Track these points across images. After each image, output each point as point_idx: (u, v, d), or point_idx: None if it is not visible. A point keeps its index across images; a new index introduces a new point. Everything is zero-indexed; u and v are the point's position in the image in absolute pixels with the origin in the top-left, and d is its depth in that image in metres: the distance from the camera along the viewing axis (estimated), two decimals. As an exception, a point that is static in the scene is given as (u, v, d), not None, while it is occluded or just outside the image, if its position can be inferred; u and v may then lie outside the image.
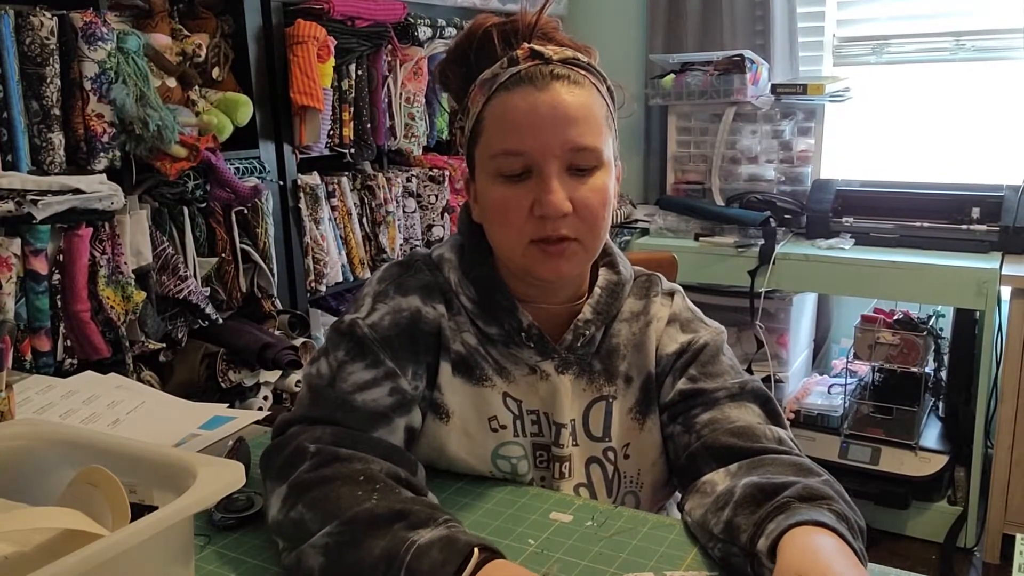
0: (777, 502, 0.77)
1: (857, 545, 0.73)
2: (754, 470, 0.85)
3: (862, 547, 0.75)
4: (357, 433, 0.89)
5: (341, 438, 0.87)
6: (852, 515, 0.77)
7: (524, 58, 0.92)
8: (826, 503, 0.76)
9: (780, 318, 2.74)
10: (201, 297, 1.86)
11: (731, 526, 0.79)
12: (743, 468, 0.86)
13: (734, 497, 0.81)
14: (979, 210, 2.48)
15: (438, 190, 2.55)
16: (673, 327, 1.02)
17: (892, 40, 2.82)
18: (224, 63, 2.00)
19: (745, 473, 0.85)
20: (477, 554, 0.73)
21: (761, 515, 0.77)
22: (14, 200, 1.53)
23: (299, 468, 0.84)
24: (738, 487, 0.82)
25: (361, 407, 0.90)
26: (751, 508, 0.79)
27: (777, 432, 0.91)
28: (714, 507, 0.83)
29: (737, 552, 0.78)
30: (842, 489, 0.82)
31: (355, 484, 0.81)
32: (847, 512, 0.77)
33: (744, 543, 0.77)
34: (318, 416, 0.90)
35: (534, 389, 0.98)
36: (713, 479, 0.88)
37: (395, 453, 0.89)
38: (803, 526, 0.72)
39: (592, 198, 0.91)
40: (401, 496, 0.81)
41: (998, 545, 2.37)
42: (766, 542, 0.74)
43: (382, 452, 0.87)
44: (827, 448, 2.56)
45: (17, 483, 0.78)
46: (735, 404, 0.95)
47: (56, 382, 1.31)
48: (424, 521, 0.76)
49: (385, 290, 0.97)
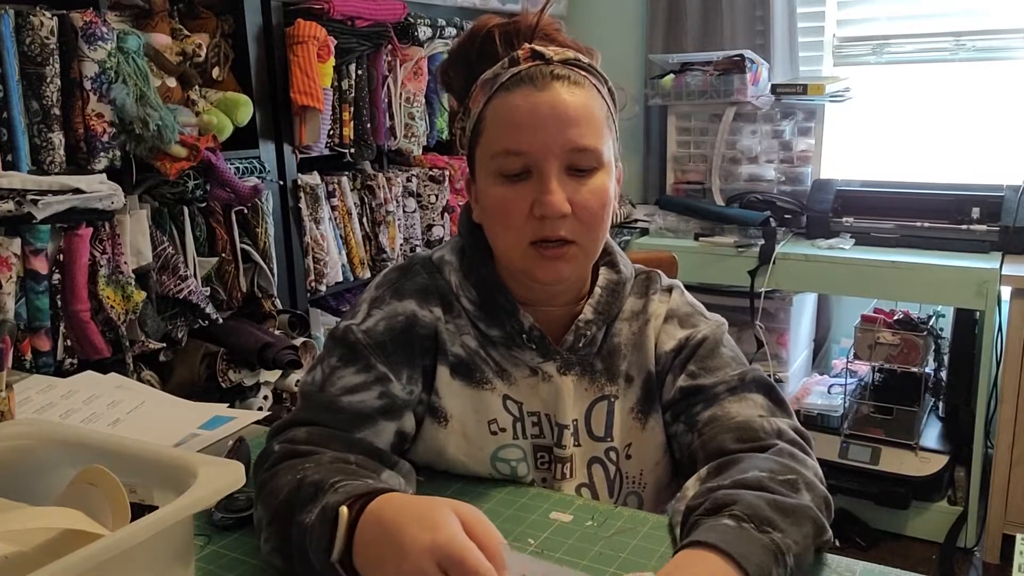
0: (691, 523, 0.78)
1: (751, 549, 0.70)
2: (712, 477, 0.85)
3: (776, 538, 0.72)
4: (336, 432, 0.89)
5: (315, 437, 0.88)
6: (765, 505, 0.74)
7: (525, 58, 0.92)
8: (728, 509, 0.75)
9: (780, 318, 2.74)
10: (201, 297, 1.86)
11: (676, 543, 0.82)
12: (710, 473, 0.86)
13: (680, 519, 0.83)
14: (979, 210, 2.48)
15: (438, 190, 2.55)
16: (671, 323, 1.02)
17: (892, 40, 2.82)
18: (224, 63, 1.99)
19: (707, 480, 0.85)
20: (345, 513, 0.74)
21: (682, 534, 0.79)
22: (14, 200, 1.53)
23: (261, 470, 0.86)
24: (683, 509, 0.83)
25: (347, 408, 0.91)
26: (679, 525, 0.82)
27: (776, 424, 0.90)
28: (673, 523, 0.86)
29: None
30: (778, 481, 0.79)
31: (293, 473, 0.82)
32: (749, 509, 0.74)
33: None
34: (302, 419, 0.91)
35: (535, 391, 0.98)
36: (687, 485, 0.88)
37: (374, 453, 0.89)
38: (684, 550, 0.72)
39: (591, 200, 0.91)
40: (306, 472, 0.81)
41: (998, 545, 2.37)
42: None
43: (360, 451, 0.88)
44: (827, 448, 2.56)
45: (17, 483, 0.78)
46: (735, 398, 0.94)
47: (56, 382, 1.31)
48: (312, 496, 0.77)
49: (381, 295, 0.98)
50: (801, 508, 0.77)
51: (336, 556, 0.73)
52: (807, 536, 0.75)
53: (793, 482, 0.80)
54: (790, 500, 0.77)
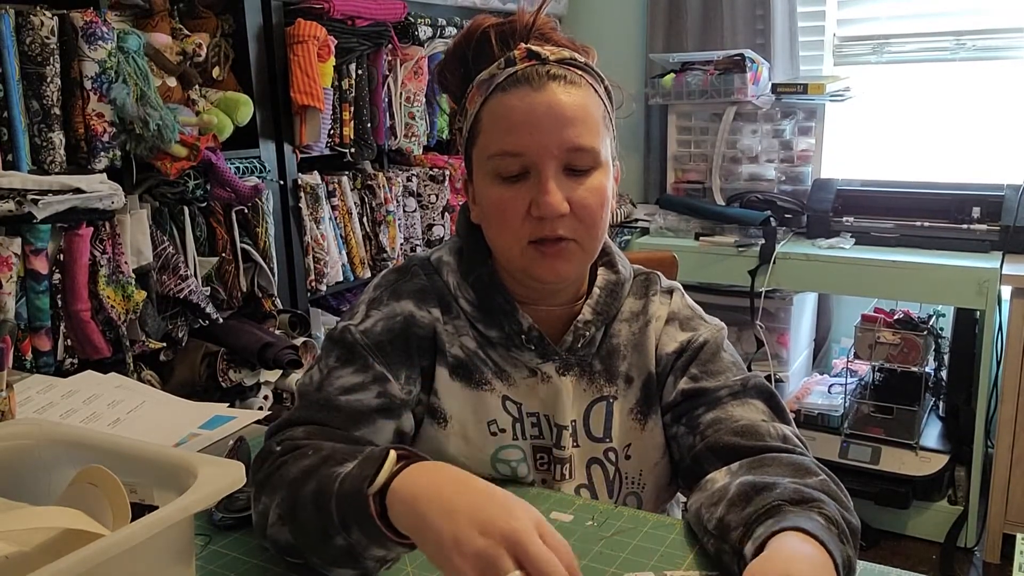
0: (767, 504, 0.76)
1: (841, 551, 0.72)
2: (753, 469, 0.84)
3: (850, 552, 0.73)
4: (334, 431, 0.89)
5: (313, 434, 0.88)
6: (843, 518, 0.76)
7: (521, 59, 0.92)
8: (816, 506, 0.75)
9: (780, 318, 2.74)
10: (201, 296, 1.86)
11: (723, 523, 0.80)
12: (743, 467, 0.86)
13: (728, 494, 0.81)
14: (979, 210, 2.48)
15: (438, 189, 2.55)
16: (672, 326, 1.02)
17: (892, 39, 2.82)
18: (224, 62, 2.00)
19: (744, 472, 0.85)
20: (394, 458, 0.72)
21: (750, 515, 0.76)
22: (15, 199, 1.53)
23: (263, 468, 0.85)
24: (733, 485, 0.82)
25: (344, 406, 0.91)
26: (742, 506, 0.79)
27: (781, 429, 0.91)
28: (708, 502, 0.83)
29: (727, 550, 0.78)
30: (839, 489, 0.82)
31: (302, 459, 0.81)
32: (837, 515, 0.76)
33: (734, 542, 0.77)
34: (300, 419, 0.91)
35: (534, 391, 0.98)
36: (714, 476, 0.87)
37: None
38: (786, 532, 0.72)
39: (589, 199, 0.91)
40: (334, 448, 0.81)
41: (998, 545, 2.37)
42: (752, 546, 0.74)
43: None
44: (827, 448, 2.56)
45: (17, 483, 0.78)
46: (738, 402, 0.94)
47: (56, 381, 1.31)
48: (350, 454, 0.77)
49: (379, 296, 0.98)
50: (858, 528, 0.79)
51: (376, 487, 0.70)
52: (856, 559, 0.76)
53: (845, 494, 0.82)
54: (853, 519, 0.79)
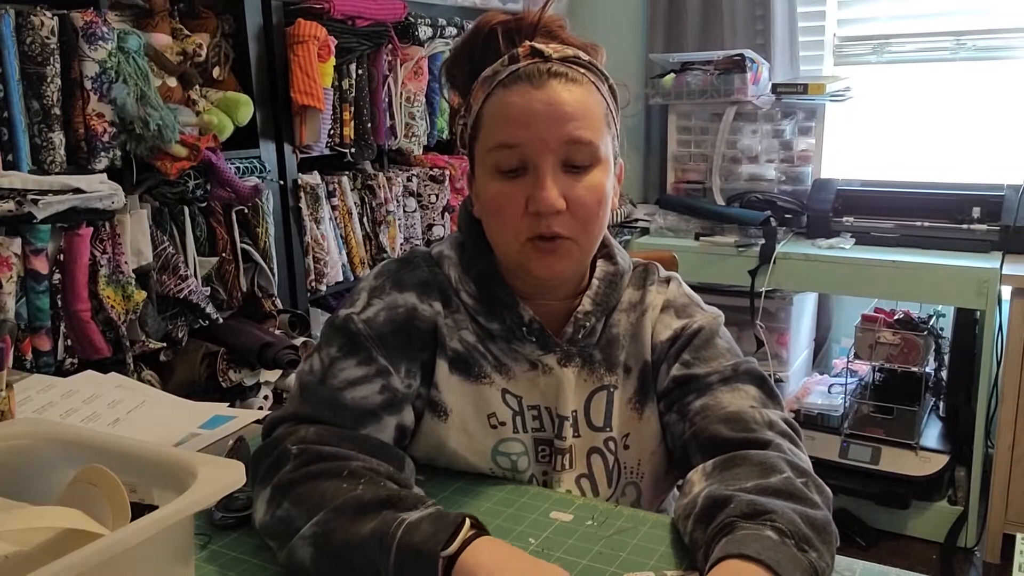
0: (721, 522, 0.76)
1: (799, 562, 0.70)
2: (724, 472, 0.84)
3: (813, 557, 0.72)
4: (343, 431, 0.89)
5: (325, 436, 0.87)
6: (805, 519, 0.75)
7: (524, 56, 0.92)
8: (768, 519, 0.74)
9: (780, 318, 2.74)
10: (201, 296, 1.86)
11: (693, 539, 0.80)
12: (717, 467, 0.85)
13: (695, 509, 0.81)
14: (979, 210, 2.48)
15: (439, 189, 2.55)
16: (667, 314, 1.02)
17: (893, 40, 2.82)
18: (224, 63, 1.99)
19: (715, 475, 0.84)
20: (468, 526, 0.75)
21: (711, 534, 0.76)
22: (14, 200, 1.53)
23: (282, 470, 0.84)
24: (700, 497, 0.81)
25: (350, 404, 0.91)
26: (705, 523, 0.79)
27: (768, 415, 0.90)
28: (683, 514, 0.84)
29: (702, 565, 0.77)
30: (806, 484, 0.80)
31: (339, 479, 0.82)
32: (795, 521, 0.74)
33: (701, 560, 0.77)
34: (306, 414, 0.91)
35: (535, 384, 0.99)
36: (691, 478, 0.87)
37: (382, 450, 0.89)
38: (729, 560, 0.71)
39: (587, 196, 0.91)
40: (387, 487, 0.82)
41: (998, 545, 2.37)
42: (708, 568, 0.73)
43: (368, 449, 0.88)
44: (827, 448, 2.56)
45: (17, 483, 0.78)
46: (728, 388, 0.94)
47: (56, 381, 1.31)
48: (413, 504, 0.78)
49: (381, 285, 0.97)
50: (826, 523, 0.77)
51: (450, 552, 0.73)
52: (832, 554, 0.76)
53: (815, 486, 0.81)
54: (818, 514, 0.77)
